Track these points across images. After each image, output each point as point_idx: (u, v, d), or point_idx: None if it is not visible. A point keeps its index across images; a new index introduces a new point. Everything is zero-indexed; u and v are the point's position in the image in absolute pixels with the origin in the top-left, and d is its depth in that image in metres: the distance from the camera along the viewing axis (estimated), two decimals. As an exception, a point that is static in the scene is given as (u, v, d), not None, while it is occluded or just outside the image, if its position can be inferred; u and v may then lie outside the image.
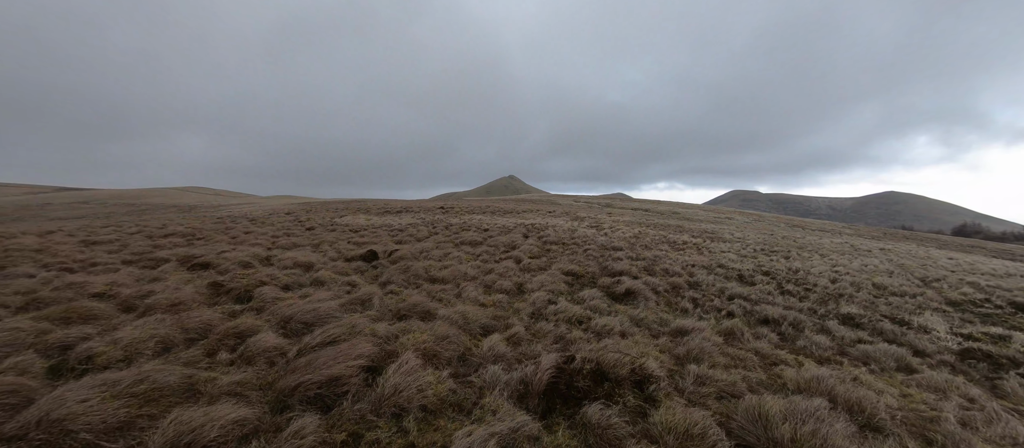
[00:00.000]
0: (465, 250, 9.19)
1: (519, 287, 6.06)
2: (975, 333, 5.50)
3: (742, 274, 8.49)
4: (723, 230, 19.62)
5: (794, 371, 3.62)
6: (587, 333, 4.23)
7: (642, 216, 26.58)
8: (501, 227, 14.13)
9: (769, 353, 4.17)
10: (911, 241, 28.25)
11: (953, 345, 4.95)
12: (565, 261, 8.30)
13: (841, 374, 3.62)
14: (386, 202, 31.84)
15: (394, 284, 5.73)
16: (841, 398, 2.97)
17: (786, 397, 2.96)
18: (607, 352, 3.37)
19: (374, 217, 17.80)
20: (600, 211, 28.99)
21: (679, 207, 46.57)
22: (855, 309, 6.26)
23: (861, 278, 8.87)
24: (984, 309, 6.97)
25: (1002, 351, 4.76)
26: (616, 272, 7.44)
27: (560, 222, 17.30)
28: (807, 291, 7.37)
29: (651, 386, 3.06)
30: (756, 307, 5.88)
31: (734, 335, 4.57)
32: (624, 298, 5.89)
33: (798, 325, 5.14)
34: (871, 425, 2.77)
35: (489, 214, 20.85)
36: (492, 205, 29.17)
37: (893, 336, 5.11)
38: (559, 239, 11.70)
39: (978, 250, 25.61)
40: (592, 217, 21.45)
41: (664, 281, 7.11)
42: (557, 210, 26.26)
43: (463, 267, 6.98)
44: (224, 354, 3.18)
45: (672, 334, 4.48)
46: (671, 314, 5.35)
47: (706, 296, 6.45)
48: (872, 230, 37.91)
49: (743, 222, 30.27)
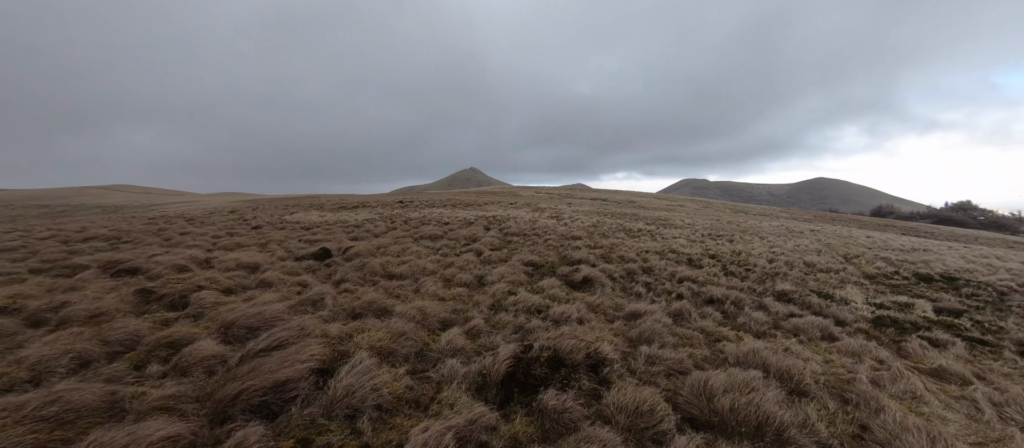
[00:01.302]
0: (425, 245, 9.03)
1: (479, 279, 6.05)
2: (886, 302, 6.20)
3: (691, 258, 9.00)
4: (675, 217, 20.66)
5: (734, 346, 3.90)
6: (546, 322, 4.31)
7: (601, 206, 27.36)
8: (462, 220, 14.00)
9: (713, 331, 4.47)
10: (837, 222, 31.21)
11: (868, 314, 5.55)
12: (526, 252, 8.38)
13: (775, 346, 3.95)
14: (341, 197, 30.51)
15: (349, 282, 5.52)
16: (774, 368, 3.25)
17: (727, 371, 3.19)
18: (564, 339, 3.46)
19: (328, 213, 17.01)
20: (561, 202, 29.52)
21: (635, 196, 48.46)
22: (788, 286, 6.85)
23: (794, 258, 9.69)
24: (893, 281, 7.87)
25: (907, 317, 5.41)
26: (575, 261, 7.62)
27: (521, 213, 17.43)
28: (748, 271, 7.95)
29: (605, 369, 3.18)
30: (703, 288, 6.26)
31: (683, 316, 4.85)
32: (582, 285, 6.05)
33: (739, 303, 5.55)
34: (798, 390, 3.06)
35: (450, 207, 20.59)
36: (453, 198, 28.83)
37: (819, 309, 5.64)
38: (520, 230, 11.79)
39: (891, 229, 28.82)
40: (553, 208, 21.79)
41: (620, 267, 7.39)
42: (519, 202, 26.42)
43: (422, 262, 6.86)
44: (155, 366, 2.92)
45: (626, 318, 4.68)
46: (626, 299, 5.58)
47: (658, 280, 6.78)
48: (805, 213, 41.49)
49: (693, 209, 32.02)
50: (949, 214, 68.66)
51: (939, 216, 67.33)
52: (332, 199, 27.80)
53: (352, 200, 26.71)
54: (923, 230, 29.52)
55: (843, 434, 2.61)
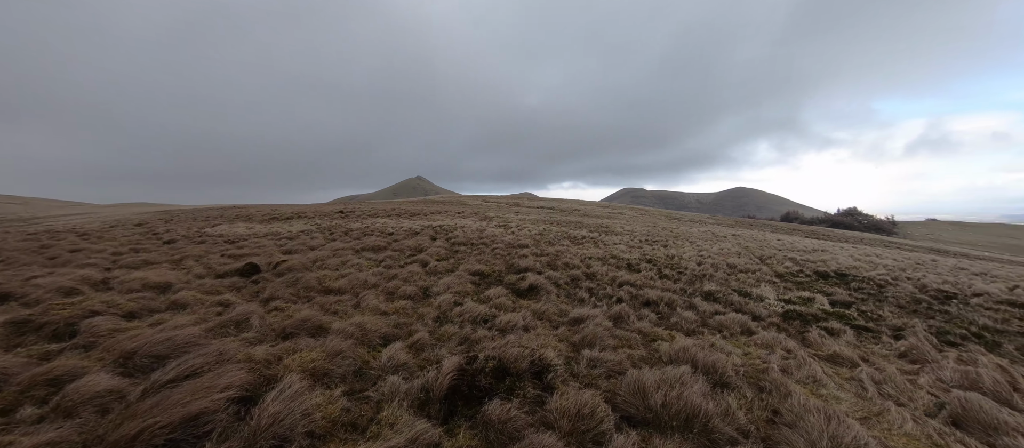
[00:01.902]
0: (366, 256, 8.63)
1: (425, 291, 5.90)
2: (793, 298, 7.01)
3: (630, 263, 9.51)
4: (616, 224, 21.76)
5: (668, 344, 4.17)
6: (492, 331, 4.30)
7: (547, 214, 28.06)
8: (407, 230, 13.60)
9: (649, 331, 4.75)
10: (754, 227, 34.84)
11: (779, 309, 6.23)
12: (473, 261, 8.33)
13: (702, 343, 4.29)
14: (273, 208, 28.26)
15: (279, 300, 5.10)
16: (701, 363, 3.52)
17: (661, 369, 3.40)
18: (509, 348, 3.48)
19: (257, 225, 15.64)
20: (508, 210, 29.83)
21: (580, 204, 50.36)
22: (714, 286, 7.48)
23: (719, 260, 10.63)
24: (798, 278, 8.93)
25: (809, 310, 6.15)
26: (521, 269, 7.72)
27: (469, 223, 17.33)
28: (680, 274, 8.57)
29: (549, 374, 3.24)
30: (640, 292, 6.63)
31: (622, 318, 5.10)
32: (528, 293, 6.14)
33: (672, 304, 5.95)
34: (722, 382, 3.33)
35: (395, 217, 19.93)
36: (398, 208, 27.94)
37: (740, 306, 6.23)
38: (467, 240, 11.71)
39: (797, 232, 32.76)
40: (500, 217, 21.94)
41: (564, 274, 7.60)
42: (466, 211, 26.26)
43: (363, 275, 6.54)
44: (29, 409, 2.47)
45: (570, 323, 4.81)
46: (570, 304, 5.74)
47: (600, 285, 7.07)
48: (728, 219, 45.79)
49: (632, 216, 33.97)
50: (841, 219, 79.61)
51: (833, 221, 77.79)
52: (263, 210, 25.64)
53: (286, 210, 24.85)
54: (821, 233, 33.90)
55: (758, 419, 2.89)
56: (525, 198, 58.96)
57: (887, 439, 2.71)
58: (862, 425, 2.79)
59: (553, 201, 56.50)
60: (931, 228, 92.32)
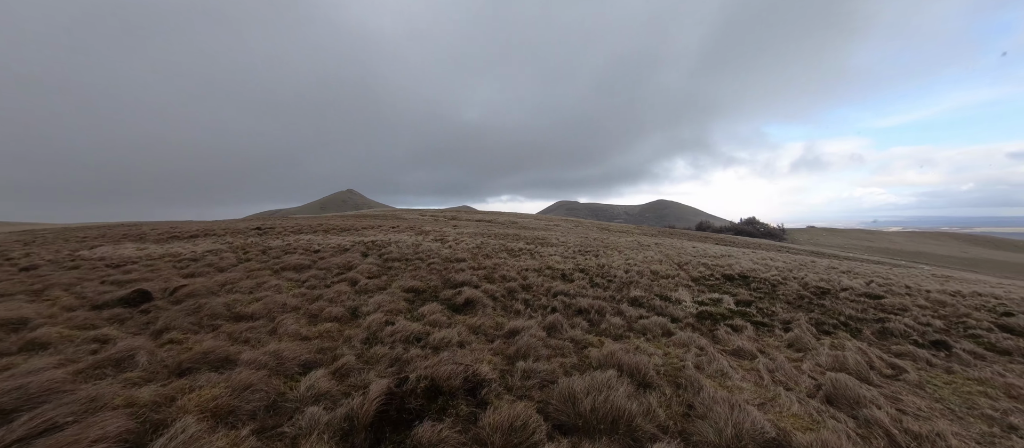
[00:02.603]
0: (287, 277, 7.91)
1: (353, 311, 5.54)
2: (705, 300, 7.76)
3: (564, 273, 9.86)
4: (551, 236, 22.49)
5: (597, 351, 4.37)
6: (425, 349, 4.16)
7: (486, 227, 28.13)
8: (336, 247, 12.75)
9: (581, 338, 4.93)
10: (673, 236, 38.20)
11: (694, 310, 6.86)
12: (407, 278, 8.04)
13: (628, 346, 4.56)
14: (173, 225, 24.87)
15: (176, 331, 4.45)
16: (626, 366, 3.74)
17: (590, 374, 3.54)
18: (442, 365, 3.39)
19: (152, 246, 13.60)
20: (446, 224, 29.38)
21: (518, 217, 51.31)
22: (639, 292, 8.03)
23: (643, 267, 11.46)
24: (710, 281, 9.93)
25: (718, 310, 6.85)
26: (458, 283, 7.61)
27: (404, 237, 16.75)
28: (609, 282, 9.07)
29: (483, 390, 3.21)
30: (573, 301, 6.89)
31: (556, 328, 5.24)
32: (464, 308, 6.06)
33: (602, 311, 6.27)
34: (644, 382, 3.57)
35: (322, 233, 18.58)
36: (326, 223, 26.12)
37: (661, 309, 6.75)
38: (402, 255, 11.30)
39: (709, 240, 36.55)
40: (438, 231, 21.53)
41: (501, 287, 7.65)
42: (402, 225, 25.38)
43: (282, 297, 5.98)
44: None
45: (506, 336, 4.83)
46: (506, 317, 5.77)
47: (536, 296, 7.22)
48: (652, 229, 49.70)
49: (567, 228, 35.38)
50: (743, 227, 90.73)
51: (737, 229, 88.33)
52: (159, 228, 22.41)
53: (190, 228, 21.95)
54: (728, 240, 38.20)
55: (676, 414, 3.13)
56: (463, 211, 58.62)
57: (778, 421, 3.09)
58: (759, 410, 3.16)
59: (492, 214, 56.87)
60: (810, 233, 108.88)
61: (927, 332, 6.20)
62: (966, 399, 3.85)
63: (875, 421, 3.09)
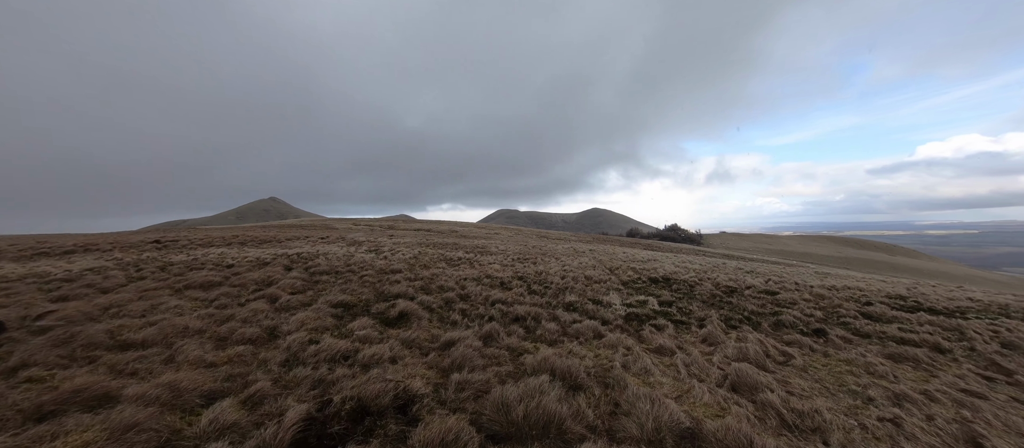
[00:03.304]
0: (192, 297, 7.00)
1: (271, 332, 5.06)
2: (633, 302, 8.29)
3: (503, 281, 9.93)
4: (491, 244, 22.58)
5: (532, 357, 4.44)
6: (353, 368, 3.92)
7: (424, 236, 27.43)
8: (254, 260, 11.57)
9: (517, 346, 4.99)
10: (606, 243, 40.41)
11: (623, 312, 7.28)
12: (336, 292, 7.54)
13: (561, 351, 4.70)
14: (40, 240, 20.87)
15: (38, 366, 3.71)
16: (559, 370, 3.85)
17: (524, 381, 3.59)
18: (371, 383, 3.22)
19: (10, 265, 11.23)
20: (382, 234, 28.15)
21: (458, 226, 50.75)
22: (574, 297, 8.35)
23: (578, 273, 11.95)
24: (637, 284, 10.64)
25: (643, 311, 7.36)
26: (392, 296, 7.31)
27: (334, 249, 15.72)
28: (546, 288, 9.32)
29: (415, 406, 3.10)
30: (511, 308, 6.96)
31: (492, 337, 5.24)
32: (398, 321, 5.83)
33: (538, 318, 6.40)
34: (576, 385, 3.70)
35: (238, 246, 16.77)
36: (244, 234, 23.63)
37: (593, 313, 7.07)
38: (331, 268, 10.58)
39: (638, 246, 39.23)
40: (372, 241, 20.54)
41: (439, 298, 7.49)
42: (332, 236, 23.80)
43: (184, 320, 5.27)
44: None
45: (441, 348, 4.72)
46: (442, 328, 5.66)
47: (473, 306, 7.17)
48: (587, 236, 52.07)
49: (507, 236, 35.76)
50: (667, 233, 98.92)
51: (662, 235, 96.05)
52: (21, 243, 18.63)
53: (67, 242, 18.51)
54: (655, 245, 41.31)
55: (604, 413, 3.28)
56: (401, 220, 56.63)
57: (692, 411, 3.38)
58: (676, 402, 3.43)
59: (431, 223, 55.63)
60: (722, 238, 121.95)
61: (810, 322, 7.22)
62: (838, 378, 4.55)
63: (769, 403, 3.51)
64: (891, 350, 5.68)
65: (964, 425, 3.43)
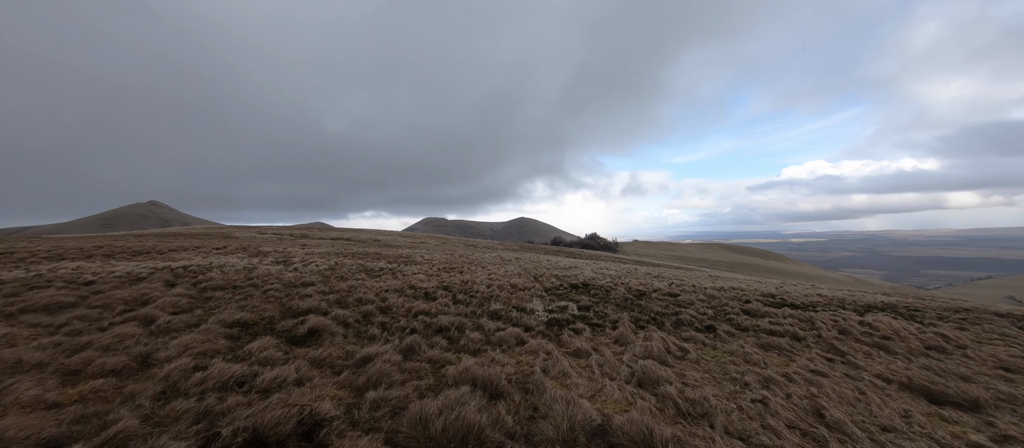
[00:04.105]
0: (30, 323, 5.65)
1: (143, 360, 4.29)
2: (554, 307, 8.65)
3: (427, 292, 9.68)
4: (416, 253, 21.88)
5: (454, 368, 4.38)
6: (250, 395, 3.49)
7: (342, 246, 25.59)
8: (124, 276, 9.73)
9: (439, 357, 4.89)
10: (532, 251, 41.65)
11: (545, 318, 7.55)
12: (232, 309, 6.68)
13: (484, 360, 4.72)
14: None
15: None
16: (480, 379, 3.86)
17: (444, 393, 3.52)
18: (270, 410, 2.90)
19: None
20: (293, 243, 25.64)
21: (381, 234, 48.29)
22: (499, 305, 8.44)
23: (504, 281, 12.12)
24: (559, 291, 11.12)
25: (564, 316, 7.71)
26: (301, 312, 6.68)
27: (233, 260, 13.91)
28: (471, 297, 9.29)
29: (323, 430, 2.86)
30: (435, 319, 6.80)
31: (413, 350, 5.07)
32: (307, 339, 5.34)
33: (462, 327, 6.35)
34: (496, 393, 3.74)
35: (101, 258, 13.96)
36: (111, 244, 19.74)
37: (517, 320, 7.22)
38: (228, 282, 9.34)
39: (561, 254, 41.07)
40: (281, 251, 18.59)
41: (356, 312, 7.03)
42: (231, 245, 21.05)
43: (15, 351, 4.22)
44: None
45: (356, 365, 4.44)
46: (359, 344, 5.31)
47: (395, 318, 6.87)
48: (514, 245, 53.16)
49: (434, 245, 34.97)
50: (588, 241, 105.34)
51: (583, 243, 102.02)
52: None
53: None
54: (577, 253, 43.62)
55: (523, 419, 3.36)
56: (317, 229, 52.17)
57: (604, 408, 3.63)
58: (590, 402, 3.65)
59: (351, 231, 52.14)
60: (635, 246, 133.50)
61: (703, 319, 8.21)
62: (723, 367, 5.23)
63: (668, 395, 3.91)
64: (763, 340, 6.70)
65: (812, 400, 4.17)
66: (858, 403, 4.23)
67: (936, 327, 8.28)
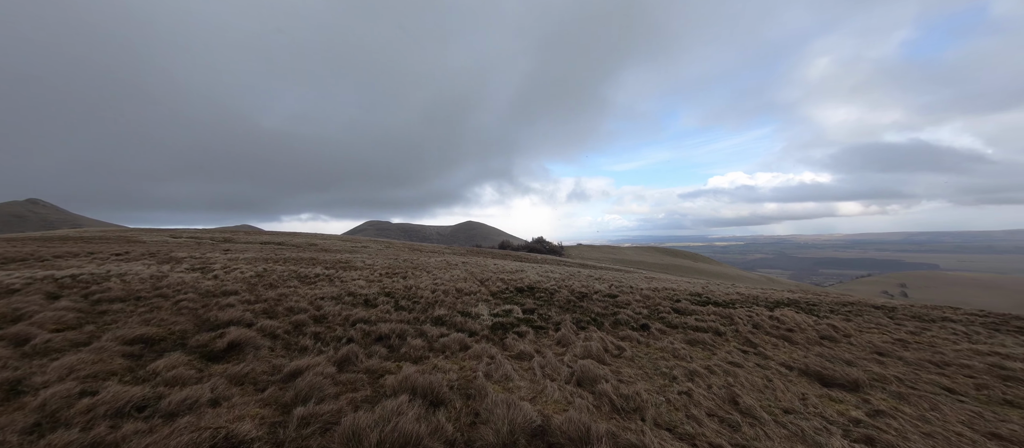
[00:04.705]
0: None
1: (12, 387, 3.62)
2: (499, 311, 8.68)
3: (367, 298, 9.24)
4: (357, 258, 20.82)
5: (394, 377, 4.23)
6: (152, 420, 3.08)
7: (273, 251, 23.61)
8: (-12, 287, 8.13)
9: (378, 367, 4.68)
10: (480, 255, 41.51)
11: (490, 322, 7.55)
12: (135, 324, 5.87)
13: (425, 367, 4.60)
14: None
15: None
16: (420, 388, 3.76)
17: (381, 404, 3.38)
18: (176, 437, 2.59)
19: None
20: (214, 248, 23.16)
21: (318, 238, 45.29)
22: (443, 311, 8.29)
23: (449, 286, 11.94)
24: (505, 294, 11.20)
25: (508, 319, 7.77)
26: (221, 324, 6.05)
27: (138, 268, 12.24)
28: (415, 303, 9.03)
29: (241, 454, 2.61)
30: (374, 327, 6.51)
31: (350, 360, 4.81)
32: (227, 354, 4.85)
33: (404, 335, 6.14)
34: (437, 400, 3.66)
35: (-42, 266, 11.55)
36: (-28, 249, 16.39)
37: (461, 326, 7.14)
38: (130, 293, 8.20)
39: (508, 257, 41.39)
40: (199, 257, 16.71)
41: (286, 322, 6.52)
42: (136, 251, 18.52)
43: None
44: None
45: (284, 379, 4.11)
46: (288, 357, 4.93)
47: (330, 327, 6.47)
48: (461, 249, 52.61)
49: (376, 250, 33.52)
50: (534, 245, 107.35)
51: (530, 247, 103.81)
52: None
53: None
54: (523, 257, 44.24)
55: (463, 425, 3.32)
56: (244, 232, 47.64)
57: (544, 409, 3.70)
58: (530, 403, 3.71)
59: (284, 235, 48.31)
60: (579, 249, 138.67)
61: (639, 319, 8.72)
62: (654, 363, 5.59)
63: (604, 393, 4.09)
64: (690, 336, 7.27)
65: (729, 389, 4.60)
66: (766, 389, 4.74)
67: (829, 319, 9.55)
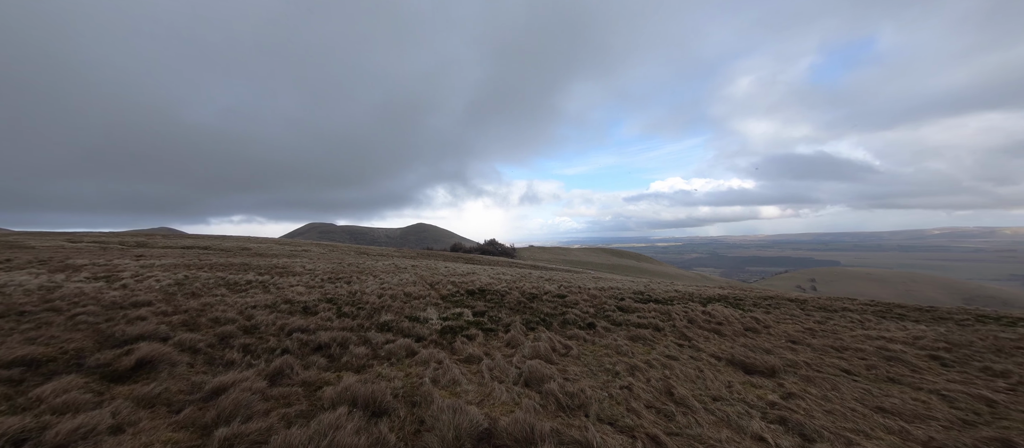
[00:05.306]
0: None
1: None
2: (449, 315, 8.55)
3: (306, 306, 8.67)
4: (296, 263, 19.48)
5: (333, 388, 3.99)
6: (33, 456, 2.64)
7: (197, 256, 21.38)
8: None
9: (316, 379, 4.40)
10: (430, 258, 40.66)
11: (438, 326, 7.40)
12: (14, 343, 5.00)
13: (368, 376, 4.40)
14: None
15: None
16: (361, 398, 3.58)
17: (317, 418, 3.17)
18: (63, 473, 2.23)
19: None
20: (124, 254, 20.49)
21: (252, 242, 41.76)
22: (390, 316, 7.99)
23: (397, 290, 11.56)
24: (455, 297, 11.05)
25: (458, 323, 7.67)
26: (128, 339, 5.35)
27: (21, 278, 10.48)
28: (359, 309, 8.62)
29: (148, 486, 2.31)
30: (313, 336, 6.11)
31: (283, 373, 4.47)
32: (135, 373, 4.29)
33: (345, 343, 5.83)
34: (380, 410, 3.51)
35: None
36: None
37: (409, 331, 6.93)
38: (11, 307, 7.00)
39: (460, 260, 40.94)
40: (104, 264, 14.69)
41: (209, 334, 5.92)
42: (21, 258, 15.86)
43: None
44: None
45: (205, 398, 3.72)
46: (210, 373, 4.47)
47: (262, 339, 5.97)
48: (411, 252, 51.19)
49: (318, 253, 31.59)
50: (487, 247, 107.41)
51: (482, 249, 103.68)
52: None
53: None
54: (475, 259, 43.99)
55: (408, 434, 3.22)
56: (161, 235, 42.62)
57: (491, 411, 3.69)
58: (477, 407, 3.68)
59: (211, 238, 43.96)
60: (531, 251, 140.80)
61: (586, 318, 9.02)
62: (599, 360, 5.81)
63: (551, 392, 4.17)
64: (632, 333, 7.65)
65: (665, 381, 4.90)
66: (698, 379, 5.10)
67: (752, 312, 10.52)
